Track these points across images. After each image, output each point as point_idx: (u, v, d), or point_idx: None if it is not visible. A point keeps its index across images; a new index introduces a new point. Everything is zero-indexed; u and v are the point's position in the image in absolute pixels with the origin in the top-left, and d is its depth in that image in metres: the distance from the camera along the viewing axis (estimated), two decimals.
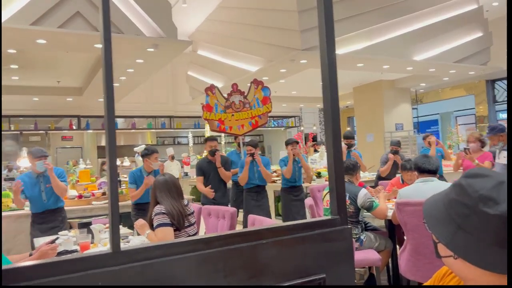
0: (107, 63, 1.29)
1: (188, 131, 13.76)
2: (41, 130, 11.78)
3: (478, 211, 0.91)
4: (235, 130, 5.29)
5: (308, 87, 11.39)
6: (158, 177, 2.94)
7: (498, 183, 0.92)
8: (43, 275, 1.13)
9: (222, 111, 5.24)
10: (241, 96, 5.36)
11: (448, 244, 0.96)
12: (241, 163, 5.05)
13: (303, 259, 1.50)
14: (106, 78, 1.28)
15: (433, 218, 1.02)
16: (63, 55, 7.16)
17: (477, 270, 0.94)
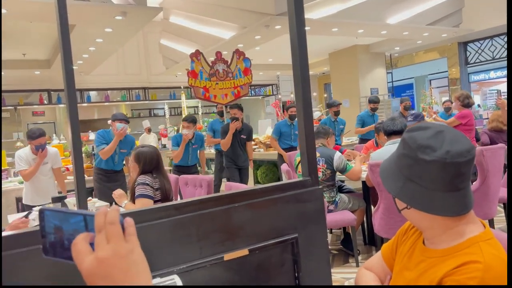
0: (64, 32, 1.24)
1: (164, 102, 13.53)
2: (10, 106, 11.36)
3: (418, 159, 0.97)
4: (219, 99, 5.28)
5: (284, 54, 11.22)
6: (143, 149, 2.89)
7: (435, 132, 0.98)
8: (16, 245, 1.12)
9: (207, 79, 5.22)
10: (224, 65, 5.35)
11: (398, 195, 1.03)
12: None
13: (276, 220, 1.53)
14: (63, 44, 1.23)
15: (385, 173, 1.09)
16: (26, 26, 6.82)
17: (428, 217, 0.99)
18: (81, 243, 0.53)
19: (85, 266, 0.52)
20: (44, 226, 0.58)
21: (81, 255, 0.53)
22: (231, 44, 8.43)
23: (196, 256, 1.34)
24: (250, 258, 1.44)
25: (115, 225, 0.54)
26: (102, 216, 0.54)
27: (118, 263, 0.52)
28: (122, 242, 0.54)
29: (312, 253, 1.59)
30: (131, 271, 0.53)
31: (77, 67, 9.72)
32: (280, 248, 1.52)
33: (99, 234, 0.53)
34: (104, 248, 0.52)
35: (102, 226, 0.54)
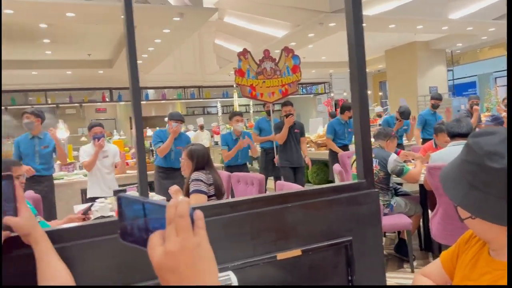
0: (130, 32, 1.30)
1: (217, 100, 13.82)
2: (76, 103, 12.15)
3: (485, 166, 0.91)
4: (266, 97, 5.30)
5: (338, 51, 11.04)
6: (194, 146, 3.00)
7: (503, 138, 0.92)
8: (78, 237, 1.20)
9: (253, 77, 5.25)
10: (272, 63, 5.35)
11: (461, 204, 0.97)
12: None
13: (330, 222, 1.51)
14: (129, 47, 1.29)
15: (447, 180, 1.03)
16: (92, 28, 7.26)
17: (495, 227, 0.94)
18: (155, 236, 0.54)
19: (155, 259, 0.53)
20: (121, 212, 0.60)
21: (153, 248, 0.53)
22: (284, 42, 8.41)
23: (249, 254, 1.36)
24: (303, 259, 1.44)
25: (184, 218, 0.53)
26: (173, 208, 0.54)
27: (185, 257, 0.52)
28: (190, 236, 0.53)
29: (367, 257, 1.55)
30: (198, 267, 0.53)
31: None
32: (333, 250, 1.50)
33: (169, 226, 0.54)
34: (172, 241, 0.52)
35: (172, 218, 0.54)
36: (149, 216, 0.59)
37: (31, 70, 10.12)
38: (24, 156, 4.15)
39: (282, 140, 4.99)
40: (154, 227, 0.58)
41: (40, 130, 4.30)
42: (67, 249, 1.12)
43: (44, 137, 4.28)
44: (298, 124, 5.17)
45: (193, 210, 0.56)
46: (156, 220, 0.58)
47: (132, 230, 0.60)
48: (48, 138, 4.31)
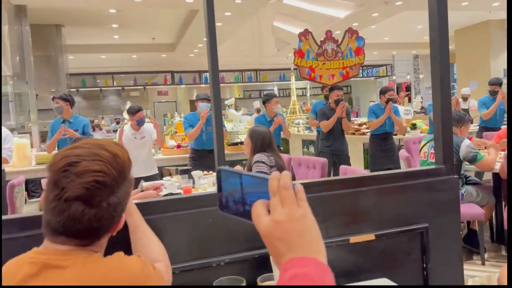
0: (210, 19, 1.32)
1: (274, 83, 13.79)
2: (140, 86, 12.71)
3: None
4: (325, 80, 5.15)
5: (403, 32, 10.54)
6: (256, 128, 3.04)
7: None
8: (162, 210, 1.27)
9: (313, 58, 5.11)
10: (334, 44, 5.15)
11: None
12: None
13: (405, 208, 1.47)
14: (209, 32, 1.32)
15: None
16: (157, 12, 7.50)
17: None
18: (259, 205, 0.57)
19: (262, 227, 0.55)
20: (220, 184, 0.63)
21: (259, 216, 0.56)
22: (346, 23, 8.15)
23: (323, 235, 1.36)
24: (375, 243, 1.41)
25: (289, 189, 0.56)
26: (275, 181, 0.56)
27: (293, 227, 0.54)
28: (295, 207, 0.55)
29: (443, 245, 1.49)
30: (305, 237, 0.55)
31: (198, 50, 10.40)
32: (408, 237, 1.46)
33: (273, 197, 0.56)
34: (279, 211, 0.55)
35: (276, 190, 0.56)
36: (246, 189, 0.61)
37: (100, 54, 10.70)
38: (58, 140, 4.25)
39: (327, 128, 4.72)
40: (251, 200, 0.60)
41: (71, 114, 4.36)
42: (152, 221, 1.19)
43: (74, 121, 4.34)
44: (347, 110, 4.84)
45: (293, 184, 0.58)
46: (253, 193, 0.60)
47: (228, 202, 0.62)
48: (78, 122, 4.36)
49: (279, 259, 0.54)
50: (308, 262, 0.53)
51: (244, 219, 0.61)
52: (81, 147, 0.86)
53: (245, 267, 1.28)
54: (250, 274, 1.22)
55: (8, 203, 3.37)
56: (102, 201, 0.83)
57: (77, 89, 12.03)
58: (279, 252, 0.54)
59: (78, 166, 0.82)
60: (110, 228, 0.88)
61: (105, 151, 0.85)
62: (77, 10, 7.03)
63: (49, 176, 0.85)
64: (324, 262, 0.54)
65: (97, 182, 0.81)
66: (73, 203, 0.80)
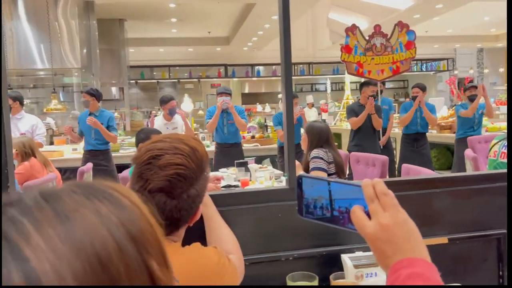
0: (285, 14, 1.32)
1: (326, 77, 13.56)
2: (194, 78, 13.02)
3: None
4: (373, 75, 4.98)
5: (468, 24, 9.93)
6: (314, 123, 3.02)
7: None
8: (230, 203, 1.30)
9: (361, 54, 4.96)
10: (383, 38, 4.98)
11: None
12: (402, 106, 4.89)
13: (480, 212, 1.40)
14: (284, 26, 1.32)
15: None
16: (214, 6, 7.62)
17: None
18: (359, 210, 0.59)
19: (369, 231, 0.58)
20: (301, 191, 0.66)
21: (362, 221, 0.58)
22: (407, 15, 7.81)
23: None
24: (448, 247, 1.37)
25: (388, 195, 0.58)
26: (370, 187, 0.59)
27: (398, 230, 0.57)
28: (397, 211, 0.58)
29: None
30: (411, 240, 0.58)
31: (252, 44, 10.46)
32: (483, 242, 1.40)
33: (372, 203, 0.58)
34: (383, 215, 0.57)
35: (373, 196, 0.58)
36: (334, 195, 0.63)
37: (159, 47, 11.08)
38: (83, 131, 4.41)
39: (356, 125, 4.53)
40: (340, 206, 0.63)
41: (97, 108, 4.42)
42: (223, 213, 1.22)
43: (100, 114, 4.38)
44: (375, 106, 4.62)
45: None
46: (341, 199, 0.62)
47: (311, 207, 0.64)
48: (103, 116, 4.41)
49: (386, 261, 0.57)
50: (418, 263, 0.56)
51: (329, 223, 0.64)
52: (163, 141, 0.91)
53: (313, 263, 1.29)
54: (318, 270, 1.23)
55: None
56: (183, 193, 0.87)
57: (136, 81, 12.55)
58: (387, 254, 0.57)
59: (160, 159, 0.86)
60: (188, 219, 0.93)
61: (185, 145, 0.89)
62: (139, 5, 7.31)
63: (134, 168, 0.90)
64: (431, 262, 0.58)
65: (178, 175, 0.86)
66: (156, 194, 0.85)
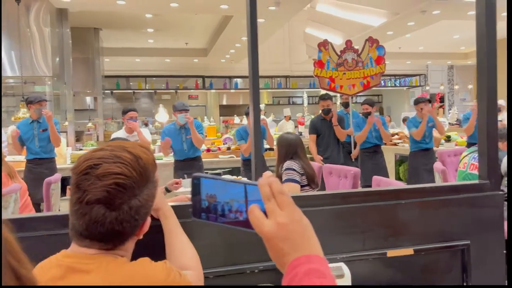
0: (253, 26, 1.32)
1: (303, 90, 13.73)
2: (172, 89, 12.94)
3: None
4: (345, 90, 5.08)
5: (438, 41, 10.29)
6: (284, 134, 3.02)
7: None
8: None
9: (333, 69, 5.06)
10: (354, 54, 5.09)
11: None
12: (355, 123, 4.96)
13: (446, 223, 1.42)
14: (251, 38, 1.32)
15: None
16: (191, 17, 7.63)
17: None
18: (257, 210, 0.60)
19: (267, 230, 0.58)
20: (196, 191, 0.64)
21: (260, 220, 0.59)
22: (380, 31, 8.03)
23: (359, 247, 1.33)
24: (414, 259, 1.37)
25: (286, 194, 0.60)
26: (267, 187, 0.60)
27: (295, 228, 0.59)
28: (294, 210, 0.60)
29: (486, 264, 1.43)
30: (306, 235, 0.60)
31: (229, 56, 10.50)
32: (448, 253, 1.41)
33: (269, 202, 0.59)
34: (280, 214, 0.59)
35: (270, 195, 0.59)
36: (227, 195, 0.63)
37: (135, 57, 10.98)
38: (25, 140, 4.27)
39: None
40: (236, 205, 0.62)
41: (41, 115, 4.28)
42: (187, 224, 1.19)
43: (44, 120, 4.27)
44: (338, 117, 4.77)
45: None
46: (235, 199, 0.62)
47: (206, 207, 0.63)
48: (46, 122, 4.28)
49: (284, 259, 0.58)
50: (314, 259, 0.58)
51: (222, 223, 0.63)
52: (103, 149, 0.86)
53: (280, 275, 1.26)
54: None
55: (44, 199, 3.49)
56: (123, 204, 0.82)
57: (111, 90, 12.37)
58: (284, 252, 0.58)
59: (98, 168, 0.81)
60: (134, 232, 0.87)
61: (127, 153, 0.85)
62: (115, 14, 7.24)
63: (72, 179, 0.85)
64: (324, 257, 0.60)
65: (117, 185, 0.81)
66: (94, 206, 0.80)
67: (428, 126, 4.96)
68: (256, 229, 0.59)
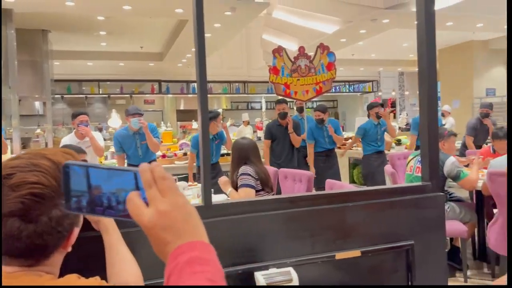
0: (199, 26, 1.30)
1: (261, 96, 13.83)
2: (126, 94, 12.59)
3: None
4: (300, 96, 5.17)
5: (389, 49, 10.73)
6: (238, 139, 3.01)
7: None
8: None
9: (288, 75, 5.12)
10: (307, 60, 5.19)
11: None
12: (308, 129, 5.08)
13: (391, 225, 1.46)
14: (198, 43, 1.30)
15: None
16: (146, 21, 7.47)
17: None
18: (136, 198, 0.56)
19: (146, 219, 0.55)
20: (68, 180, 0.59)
21: (139, 209, 0.55)
22: (334, 38, 8.26)
23: (308, 251, 1.34)
24: (362, 260, 1.40)
25: (168, 179, 0.56)
26: (149, 172, 0.56)
27: (178, 214, 0.56)
28: (177, 195, 0.57)
29: (429, 263, 1.48)
30: (190, 222, 0.57)
31: (186, 60, 10.38)
32: (394, 254, 1.45)
33: (150, 189, 0.56)
34: (162, 201, 0.55)
35: (151, 181, 0.56)
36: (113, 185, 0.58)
37: (87, 61, 10.59)
38: None
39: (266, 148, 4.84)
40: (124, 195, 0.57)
41: None
42: (131, 234, 1.14)
43: None
44: (294, 124, 4.87)
45: None
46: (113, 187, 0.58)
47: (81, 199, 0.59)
48: None
49: (166, 248, 0.55)
50: (197, 246, 0.55)
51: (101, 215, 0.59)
52: (20, 157, 0.79)
53: (229, 282, 1.24)
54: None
55: None
56: (41, 215, 0.75)
57: (62, 95, 11.86)
58: (166, 241, 0.55)
59: (12, 178, 0.74)
60: (59, 244, 0.79)
61: (46, 160, 0.79)
62: (65, 16, 6.95)
63: None
64: (208, 242, 0.57)
65: (33, 195, 0.74)
66: (8, 219, 0.73)
67: (381, 130, 5.19)
68: (135, 219, 0.55)
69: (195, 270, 0.52)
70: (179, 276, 0.52)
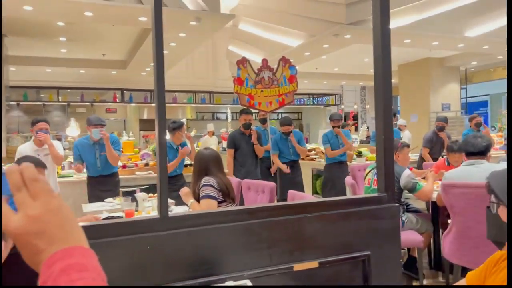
0: (158, 33, 1.28)
1: (227, 106, 13.83)
2: (87, 102, 12.21)
3: None
4: (263, 107, 5.24)
5: (351, 63, 11.06)
6: (201, 150, 2.97)
7: None
8: (94, 236, 1.17)
9: (252, 86, 5.19)
10: (270, 72, 5.28)
11: None
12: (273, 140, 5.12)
13: (348, 235, 1.47)
14: (156, 51, 1.28)
15: None
16: (108, 28, 7.31)
17: None
18: (3, 204, 0.52)
19: (14, 226, 0.50)
20: None
21: (6, 215, 0.51)
22: (298, 52, 8.42)
23: (266, 263, 1.33)
24: (319, 271, 1.40)
25: (40, 181, 0.52)
26: (17, 174, 0.52)
27: (52, 219, 0.51)
28: (51, 198, 0.52)
29: (385, 273, 1.51)
30: (65, 227, 0.52)
31: (150, 69, 10.22)
32: (351, 264, 1.46)
33: (18, 193, 0.51)
34: (31, 205, 0.51)
35: (20, 184, 0.52)
36: None
37: (45, 67, 10.21)
38: None
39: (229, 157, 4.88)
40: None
41: None
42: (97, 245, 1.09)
43: None
44: (258, 134, 4.97)
45: None
46: None
47: None
48: None
49: (38, 257, 0.50)
50: (75, 252, 0.50)
51: None
52: None
53: None
54: None
55: None
56: None
57: (17, 102, 11.34)
58: (39, 249, 0.50)
59: None
60: None
61: None
62: (22, 21, 6.69)
63: None
64: (88, 247, 0.52)
65: None
66: None
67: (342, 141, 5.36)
68: (3, 227, 0.50)
69: (72, 278, 0.47)
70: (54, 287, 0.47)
